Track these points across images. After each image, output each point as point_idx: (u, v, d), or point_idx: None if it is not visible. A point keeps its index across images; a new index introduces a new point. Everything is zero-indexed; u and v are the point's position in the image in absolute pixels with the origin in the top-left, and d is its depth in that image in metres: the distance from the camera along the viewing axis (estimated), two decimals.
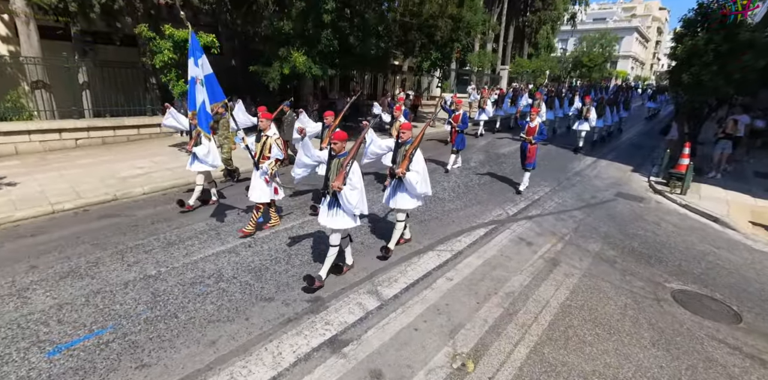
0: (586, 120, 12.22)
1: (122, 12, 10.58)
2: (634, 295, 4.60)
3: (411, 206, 4.92)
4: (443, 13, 13.80)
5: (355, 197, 4.00)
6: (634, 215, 7.37)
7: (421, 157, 4.70)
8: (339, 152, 4.11)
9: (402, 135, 4.78)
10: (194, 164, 6.19)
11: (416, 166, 4.65)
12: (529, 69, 33.45)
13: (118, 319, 3.69)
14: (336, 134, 4.07)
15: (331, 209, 4.17)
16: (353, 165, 4.02)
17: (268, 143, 5.41)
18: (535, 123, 7.84)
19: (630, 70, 59.75)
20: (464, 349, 3.54)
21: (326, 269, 4.38)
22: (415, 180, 4.61)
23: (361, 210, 4.13)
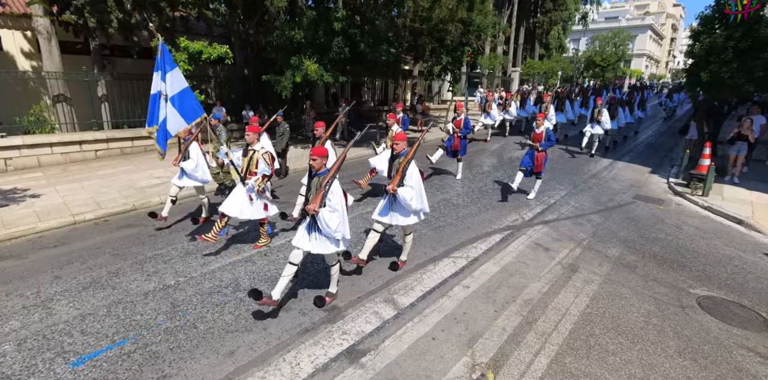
0: (598, 123, 11.71)
1: (139, 26, 10.86)
2: (658, 302, 4.48)
3: (410, 223, 4.59)
4: (453, 17, 13.79)
5: (335, 220, 3.62)
6: (654, 218, 7.19)
7: (416, 170, 4.36)
8: (318, 170, 3.75)
9: (395, 147, 4.38)
10: (182, 179, 5.91)
11: (410, 180, 4.27)
12: (540, 70, 33.13)
13: (139, 330, 3.75)
14: (314, 149, 3.75)
15: (311, 233, 3.82)
16: (333, 184, 3.65)
17: (255, 157, 5.07)
18: (542, 129, 7.43)
19: (644, 69, 58.68)
20: (483, 359, 3.49)
21: (334, 284, 4.25)
22: (408, 196, 4.25)
23: (342, 234, 3.76)
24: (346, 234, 3.82)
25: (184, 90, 4.96)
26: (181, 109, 4.97)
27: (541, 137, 7.41)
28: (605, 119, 11.63)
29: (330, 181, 3.63)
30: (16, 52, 11.91)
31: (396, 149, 4.39)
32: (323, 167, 3.78)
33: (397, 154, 4.42)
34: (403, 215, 4.51)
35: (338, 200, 3.65)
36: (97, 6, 9.96)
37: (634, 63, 55.91)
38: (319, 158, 3.73)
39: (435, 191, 8.48)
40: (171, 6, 10.87)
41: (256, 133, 5.14)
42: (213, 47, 9.73)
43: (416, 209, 4.42)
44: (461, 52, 16.42)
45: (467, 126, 8.84)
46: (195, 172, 5.79)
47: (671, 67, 79.38)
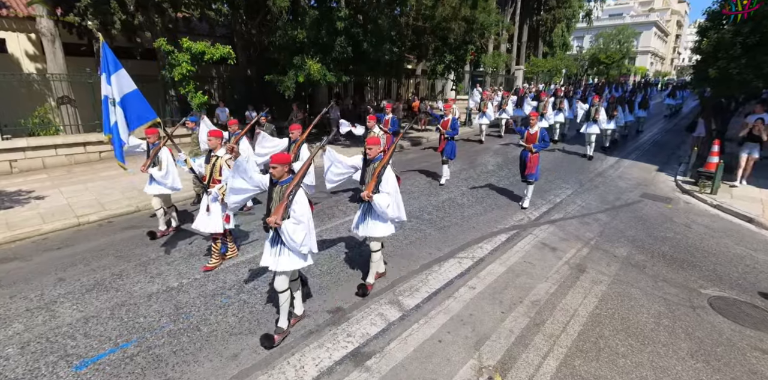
0: (595, 122, 11.20)
1: (142, 27, 10.88)
2: (668, 302, 4.39)
3: (384, 234, 4.19)
4: (456, 15, 13.69)
5: (300, 232, 3.28)
6: (663, 217, 7.08)
7: (392, 176, 4.02)
8: (280, 178, 3.40)
9: (368, 151, 4.08)
10: (152, 186, 5.53)
11: (386, 187, 3.97)
12: (544, 69, 32.93)
13: (142, 332, 3.72)
14: (274, 156, 3.37)
15: (274, 247, 3.46)
16: (298, 194, 3.32)
17: (218, 164, 4.65)
18: (536, 129, 6.94)
19: (649, 66, 58.20)
20: (491, 362, 3.43)
21: (284, 317, 3.69)
22: (385, 203, 3.92)
23: (309, 247, 3.43)
24: (313, 248, 3.48)
25: (133, 93, 4.60)
26: (128, 113, 4.59)
27: (534, 138, 6.91)
28: (602, 118, 11.21)
29: (294, 190, 3.30)
30: (20, 54, 11.96)
31: (369, 154, 4.09)
32: (286, 174, 3.43)
33: (371, 159, 4.12)
34: (377, 225, 4.16)
35: (303, 210, 3.31)
36: (100, 7, 9.98)
37: (638, 60, 55.50)
38: (279, 166, 3.36)
39: (440, 190, 8.41)
40: (173, 7, 10.87)
41: (219, 138, 4.68)
42: (216, 48, 9.71)
43: (392, 217, 4.11)
44: (464, 50, 16.31)
45: (455, 127, 8.34)
46: (164, 179, 5.41)
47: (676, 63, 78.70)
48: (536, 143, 6.85)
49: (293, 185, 3.31)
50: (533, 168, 6.97)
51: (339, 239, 5.83)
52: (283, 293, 3.59)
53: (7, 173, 9.20)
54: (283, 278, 3.54)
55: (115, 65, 4.53)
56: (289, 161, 3.44)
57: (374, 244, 4.35)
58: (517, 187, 8.71)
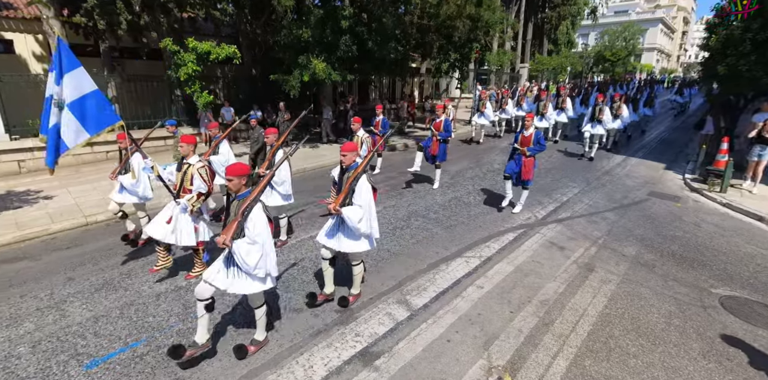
0: (599, 123, 10.63)
1: (147, 27, 10.91)
2: (678, 302, 4.35)
3: (359, 250, 3.86)
4: (461, 13, 13.62)
5: (255, 254, 2.93)
6: (672, 215, 7.02)
7: (366, 187, 3.66)
8: (237, 192, 3.06)
9: (342, 158, 3.73)
10: (121, 195, 5.19)
11: (359, 198, 3.61)
12: (549, 66, 32.74)
13: (152, 332, 3.74)
14: (230, 167, 3.02)
15: (230, 268, 3.11)
16: (254, 210, 2.96)
17: (190, 172, 4.31)
18: (531, 131, 6.45)
19: (655, 63, 57.73)
20: (500, 362, 3.41)
21: (262, 328, 3.50)
22: (356, 217, 3.57)
23: (266, 271, 3.06)
24: (272, 271, 3.12)
25: (90, 94, 4.14)
26: (83, 117, 4.14)
27: (529, 141, 6.45)
28: (607, 118, 10.73)
29: (250, 205, 2.96)
30: (27, 55, 12.04)
31: (344, 162, 3.75)
32: (243, 187, 3.05)
33: (347, 167, 3.78)
34: (351, 240, 3.81)
35: (260, 229, 2.96)
36: (107, 8, 10.02)
37: (644, 57, 55.03)
38: (236, 178, 2.98)
39: (446, 189, 8.39)
40: (179, 7, 10.89)
41: (191, 144, 4.35)
42: (221, 47, 9.72)
43: (365, 232, 3.73)
44: (469, 48, 16.23)
45: (447, 129, 7.89)
46: (135, 187, 5.06)
47: (683, 60, 77.99)
48: (531, 147, 6.41)
49: (250, 199, 2.96)
50: (528, 173, 6.55)
51: None
52: (259, 309, 3.37)
53: (16, 173, 9.28)
54: (257, 295, 3.30)
55: (71, 64, 4.07)
56: (246, 172, 3.03)
57: (353, 256, 3.99)
58: None
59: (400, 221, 6.55)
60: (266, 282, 3.18)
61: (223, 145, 6.15)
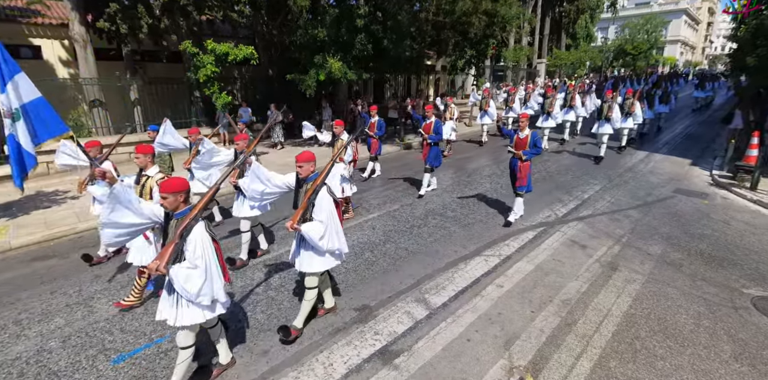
0: (608, 121, 9.84)
1: (168, 30, 11.15)
2: (708, 303, 4.20)
3: (321, 268, 3.51)
4: (477, 9, 13.46)
5: (196, 280, 2.59)
6: (699, 213, 6.78)
7: (327, 200, 3.32)
8: (174, 210, 2.71)
9: (299, 170, 3.37)
10: (98, 206, 4.88)
11: (320, 213, 3.29)
12: (567, 61, 32.08)
13: (175, 328, 3.80)
14: (164, 182, 2.67)
15: (171, 295, 2.77)
16: (195, 230, 2.62)
17: (149, 185, 3.94)
18: (526, 133, 5.94)
19: (679, 56, 55.85)
20: (522, 362, 3.35)
21: (224, 351, 3.25)
22: (317, 234, 3.24)
23: (211, 297, 2.71)
24: (219, 296, 2.76)
25: (36, 101, 3.86)
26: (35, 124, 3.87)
27: (525, 143, 5.92)
28: (616, 116, 9.88)
29: (189, 226, 2.60)
30: (54, 60, 12.47)
31: (300, 173, 3.37)
32: (182, 205, 2.70)
33: (304, 179, 3.42)
34: (312, 259, 3.45)
35: (201, 250, 2.61)
36: (129, 12, 10.29)
37: (667, 50, 53.34)
38: (171, 195, 2.63)
39: (463, 187, 8.31)
40: (198, 9, 11.09)
41: (148, 154, 3.94)
42: (239, 49, 9.87)
43: (330, 249, 3.39)
44: (485, 44, 16.05)
45: (438, 131, 7.36)
46: None
47: (708, 53, 75.26)
48: (526, 150, 5.90)
49: (189, 218, 2.61)
50: (524, 179, 6.03)
51: (363, 237, 5.83)
52: (185, 350, 2.90)
53: (45, 174, 9.62)
54: (186, 333, 2.86)
55: (13, 70, 3.74)
56: (182, 188, 2.67)
57: (309, 279, 3.57)
58: (542, 184, 8.51)
59: (417, 219, 6.52)
60: (216, 309, 2.83)
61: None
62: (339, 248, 3.47)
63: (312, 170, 3.41)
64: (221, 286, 2.78)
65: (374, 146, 8.69)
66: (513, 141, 6.06)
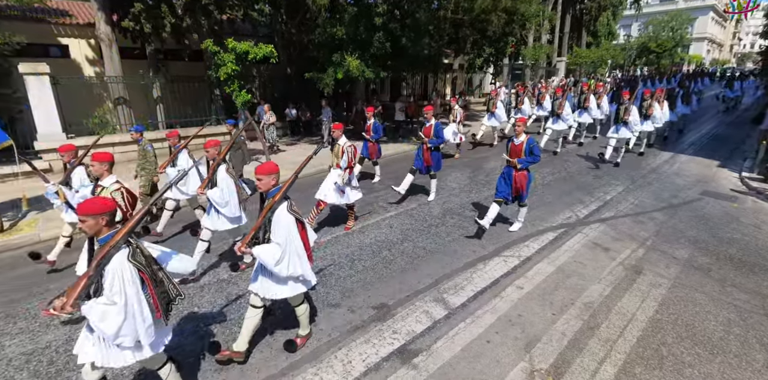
0: (625, 125, 9.17)
1: (189, 29, 11.35)
2: (738, 309, 4.05)
3: (286, 295, 3.15)
4: (496, 7, 13.29)
5: (113, 319, 2.20)
6: (728, 216, 6.55)
7: (287, 219, 2.92)
8: (96, 235, 2.31)
9: (258, 184, 2.98)
10: (69, 213, 4.55)
11: (277, 234, 2.92)
12: (588, 60, 31.40)
13: (197, 321, 3.88)
14: (82, 204, 2.27)
15: (93, 332, 2.38)
16: (114, 260, 2.23)
17: None
18: (522, 139, 5.38)
19: (705, 54, 54.09)
20: (543, 365, 3.29)
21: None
22: (271, 258, 2.86)
23: (133, 339, 2.31)
24: (144, 337, 2.35)
25: None
26: None
27: (520, 150, 5.35)
28: (634, 119, 9.20)
29: (108, 254, 2.21)
30: (81, 59, 12.84)
31: (259, 187, 2.99)
32: (104, 229, 2.29)
33: (265, 193, 3.02)
34: (276, 284, 3.10)
35: (119, 285, 2.22)
36: (152, 12, 10.50)
37: (693, 48, 51.70)
38: (90, 218, 2.24)
39: (480, 187, 8.22)
40: (219, 9, 11.25)
41: (104, 162, 3.67)
42: (258, 47, 9.96)
43: (291, 274, 2.99)
44: (504, 42, 15.83)
45: (438, 135, 6.87)
46: None
47: (736, 50, 72.68)
48: (522, 158, 5.34)
49: (109, 246, 2.22)
50: (522, 190, 5.53)
51: (380, 235, 5.82)
52: (161, 369, 2.68)
53: None
54: (149, 361, 2.52)
55: None
56: (106, 209, 2.28)
57: (293, 299, 3.30)
58: (562, 184, 8.35)
59: (435, 218, 6.48)
60: (143, 350, 2.42)
61: (183, 154, 5.67)
62: (302, 274, 3.06)
63: (273, 184, 2.99)
64: (149, 325, 2.34)
65: (373, 150, 8.21)
66: (508, 148, 5.56)
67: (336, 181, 5.50)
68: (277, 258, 2.88)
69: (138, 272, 2.31)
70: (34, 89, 9.35)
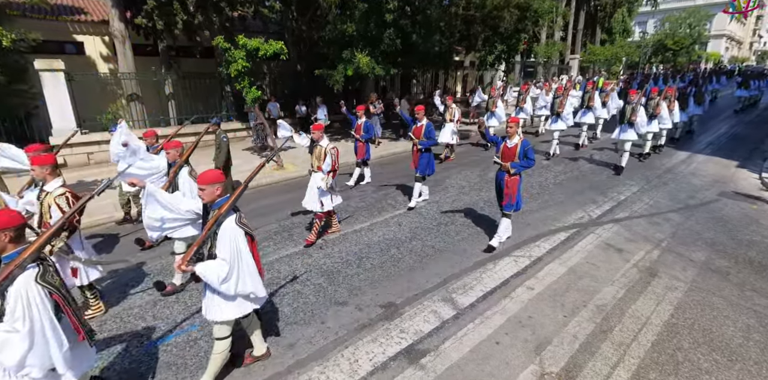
0: (631, 126, 8.49)
1: (201, 26, 11.40)
2: (759, 315, 3.91)
3: (235, 316, 2.85)
4: (509, 3, 13.08)
5: (17, 347, 1.98)
6: (747, 218, 6.36)
7: (233, 232, 2.63)
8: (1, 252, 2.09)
9: (200, 194, 2.70)
10: None
11: (223, 249, 2.63)
12: (602, 57, 30.84)
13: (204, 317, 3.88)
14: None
15: None
16: (18, 284, 2.01)
17: (47, 202, 3.41)
18: (516, 141, 4.84)
19: (724, 52, 52.79)
20: (554, 369, 3.22)
21: None
22: (214, 275, 2.60)
23: (45, 368, 2.08)
24: (60, 364, 2.12)
25: None
26: None
27: (514, 153, 4.84)
28: (641, 120, 8.51)
29: (12, 276, 1.99)
30: (96, 56, 13.00)
31: (203, 197, 2.72)
32: (9, 247, 2.08)
33: (210, 204, 2.76)
34: (220, 305, 2.80)
35: (24, 310, 1.98)
36: (165, 9, 10.57)
37: (711, 45, 50.54)
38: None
39: (491, 186, 8.08)
40: (230, 5, 11.28)
41: (46, 165, 3.38)
42: (269, 44, 9.95)
43: (240, 293, 2.73)
44: (516, 39, 15.58)
45: (430, 136, 6.43)
46: None
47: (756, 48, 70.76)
48: (515, 161, 4.85)
49: (13, 266, 1.99)
50: (513, 195, 4.99)
51: (389, 233, 5.78)
52: None
53: (85, 164, 10.06)
54: None
55: None
56: (12, 224, 2.06)
57: (218, 329, 2.90)
58: (574, 183, 8.20)
59: (444, 216, 6.41)
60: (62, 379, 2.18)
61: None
62: (253, 292, 2.77)
63: (218, 194, 2.69)
64: (66, 351, 2.12)
65: (361, 150, 7.92)
66: (499, 150, 5.02)
67: (319, 185, 5.13)
68: (223, 276, 2.62)
69: (49, 295, 2.07)
70: (49, 85, 9.49)
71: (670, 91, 10.09)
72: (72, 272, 3.58)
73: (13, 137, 9.49)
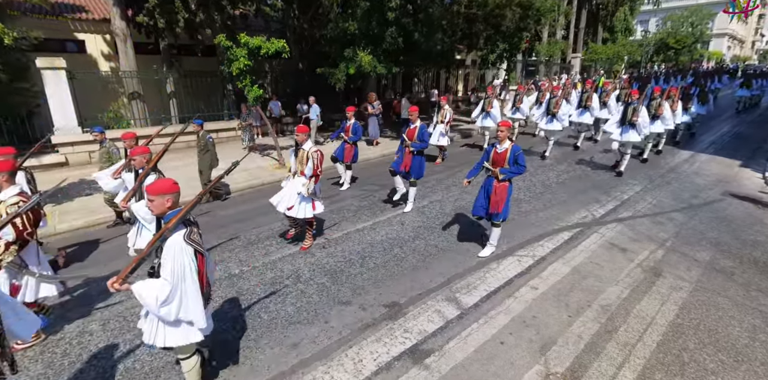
0: (633, 127, 8.16)
1: (203, 25, 11.37)
2: (764, 315, 3.89)
3: (178, 343, 2.57)
4: (511, 1, 13.05)
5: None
6: (751, 218, 6.33)
7: (180, 250, 2.36)
8: None
9: (150, 205, 2.45)
10: None
11: (165, 269, 2.38)
12: (604, 56, 30.75)
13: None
14: None
15: None
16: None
17: None
18: (506, 146, 4.65)
19: (726, 50, 52.59)
20: (559, 369, 3.21)
21: None
22: (151, 298, 2.33)
23: None
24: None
25: None
26: None
27: (504, 159, 4.64)
28: (643, 121, 8.17)
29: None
30: (97, 54, 12.98)
31: (152, 209, 2.46)
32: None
33: (159, 216, 2.55)
34: (165, 330, 2.53)
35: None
36: (166, 7, 10.54)
37: (713, 44, 50.30)
38: None
39: None
40: (232, 3, 11.24)
41: (2, 172, 3.20)
42: (271, 42, 9.92)
43: (180, 319, 2.47)
44: (518, 38, 15.55)
45: (423, 138, 6.22)
46: None
47: (758, 47, 70.50)
48: (505, 167, 4.65)
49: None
50: (500, 203, 4.71)
51: (392, 232, 5.76)
52: None
53: (87, 162, 10.04)
54: None
55: None
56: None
57: (178, 349, 2.68)
58: (578, 182, 8.17)
59: (447, 216, 6.39)
60: None
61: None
62: (193, 318, 2.46)
63: (168, 206, 2.43)
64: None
65: (349, 152, 7.64)
66: (489, 156, 4.78)
67: (299, 191, 4.83)
68: (163, 299, 2.33)
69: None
70: (50, 84, 9.47)
71: (673, 91, 9.95)
72: (13, 289, 3.21)
73: (14, 136, 9.50)
